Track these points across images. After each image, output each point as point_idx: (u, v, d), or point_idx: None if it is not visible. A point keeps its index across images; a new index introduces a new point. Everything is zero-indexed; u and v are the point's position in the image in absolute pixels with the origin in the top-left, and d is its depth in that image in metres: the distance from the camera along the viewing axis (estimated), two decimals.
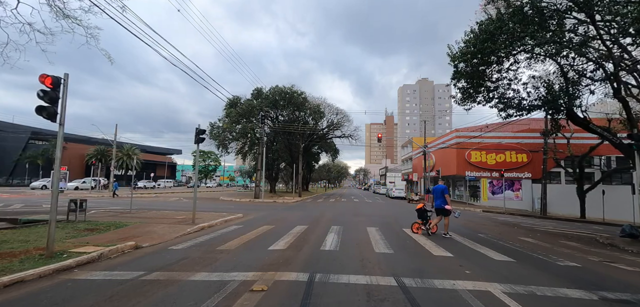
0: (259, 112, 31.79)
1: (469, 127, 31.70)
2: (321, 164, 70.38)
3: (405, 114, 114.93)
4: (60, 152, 5.92)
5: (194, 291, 4.07)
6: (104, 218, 10.92)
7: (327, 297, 3.94)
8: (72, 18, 7.67)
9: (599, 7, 9.67)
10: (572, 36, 10.44)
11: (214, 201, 25.06)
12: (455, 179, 34.78)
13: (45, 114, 5.56)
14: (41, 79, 5.49)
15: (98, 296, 3.88)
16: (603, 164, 27.50)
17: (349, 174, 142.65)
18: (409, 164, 57.11)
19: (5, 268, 4.65)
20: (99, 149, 49.38)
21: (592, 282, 5.11)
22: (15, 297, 3.81)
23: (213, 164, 71.61)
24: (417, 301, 3.87)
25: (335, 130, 41.44)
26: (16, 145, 46.02)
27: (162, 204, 19.99)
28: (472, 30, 11.18)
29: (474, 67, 11.54)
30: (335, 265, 5.56)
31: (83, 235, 7.57)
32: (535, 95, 12.26)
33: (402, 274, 5.07)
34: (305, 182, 51.51)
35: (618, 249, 9.09)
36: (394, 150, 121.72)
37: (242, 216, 13.66)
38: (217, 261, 5.69)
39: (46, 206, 15.36)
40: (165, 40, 11.08)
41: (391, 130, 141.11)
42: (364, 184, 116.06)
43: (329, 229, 10.11)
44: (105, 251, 5.89)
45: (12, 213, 12.37)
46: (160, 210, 15.07)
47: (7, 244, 6.29)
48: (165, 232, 8.51)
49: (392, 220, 13.69)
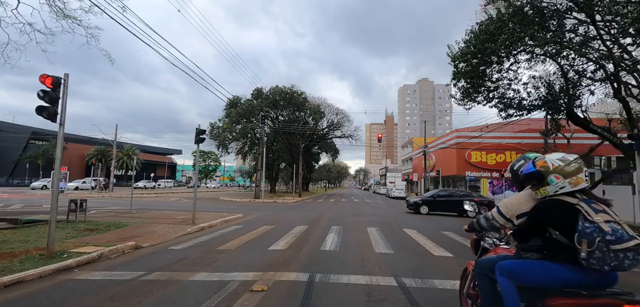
0: (259, 112, 31.80)
1: (469, 128, 31.71)
2: (321, 164, 70.39)
3: (406, 114, 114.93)
4: (60, 152, 5.92)
5: (194, 291, 4.07)
6: (104, 218, 10.92)
7: (327, 298, 3.94)
8: (72, 18, 7.68)
9: (599, 7, 9.66)
10: (572, 36, 10.44)
11: (214, 201, 25.07)
12: (455, 179, 34.76)
13: (45, 114, 5.56)
14: (41, 79, 5.49)
15: (98, 296, 3.88)
16: (603, 164, 27.51)
17: (349, 174, 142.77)
18: (409, 164, 57.11)
19: (6, 268, 4.65)
20: (99, 149, 49.44)
21: None
22: (16, 297, 3.82)
23: (213, 164, 71.64)
24: (417, 301, 3.87)
25: (335, 130, 41.50)
26: (16, 145, 46.08)
27: (162, 204, 20.00)
28: (473, 31, 11.18)
29: (474, 67, 11.54)
30: (335, 265, 5.56)
31: (83, 235, 7.57)
32: (536, 95, 12.26)
33: (402, 274, 5.07)
34: (305, 183, 51.52)
35: None
36: (394, 150, 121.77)
37: (242, 216, 13.66)
38: (217, 261, 5.69)
39: (46, 206, 15.36)
40: (165, 40, 11.11)
41: (391, 131, 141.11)
42: (364, 184, 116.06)
43: (329, 229, 10.11)
44: (106, 251, 5.89)
45: (12, 213, 12.37)
46: (160, 210, 15.07)
47: (7, 244, 6.30)
48: (165, 232, 8.51)
49: (392, 220, 13.69)
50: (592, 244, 1.79)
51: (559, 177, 2.03)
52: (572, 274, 1.95)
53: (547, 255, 2.11)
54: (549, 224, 2.05)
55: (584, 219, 1.85)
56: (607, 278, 1.92)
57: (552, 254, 2.07)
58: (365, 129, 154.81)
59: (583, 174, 2.01)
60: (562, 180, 2.02)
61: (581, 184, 2.00)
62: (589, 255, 1.80)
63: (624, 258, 1.76)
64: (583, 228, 1.83)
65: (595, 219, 1.82)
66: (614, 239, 1.76)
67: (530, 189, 2.21)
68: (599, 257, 1.78)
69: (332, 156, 50.04)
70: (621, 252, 1.75)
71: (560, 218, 1.99)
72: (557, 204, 2.03)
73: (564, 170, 2.03)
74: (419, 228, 10.94)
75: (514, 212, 2.29)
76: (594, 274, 1.89)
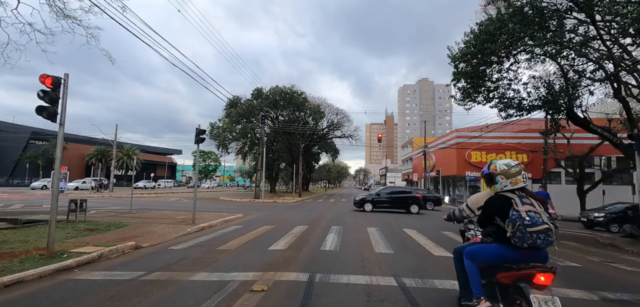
0: (259, 112, 31.79)
1: (469, 128, 31.70)
2: (321, 164, 70.32)
3: (406, 114, 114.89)
4: (60, 152, 5.92)
5: (194, 291, 4.07)
6: (104, 218, 10.92)
7: (327, 298, 3.94)
8: (72, 18, 7.68)
9: (599, 7, 9.66)
10: (572, 36, 10.44)
11: (214, 201, 25.06)
12: (455, 179, 34.77)
13: (45, 114, 5.56)
14: (41, 79, 5.49)
15: (98, 296, 3.88)
16: (603, 164, 27.48)
17: (349, 174, 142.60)
18: (409, 164, 57.11)
19: (6, 268, 4.65)
20: (99, 149, 49.41)
21: (593, 282, 5.11)
22: (16, 297, 3.82)
23: (213, 164, 71.58)
24: (417, 301, 3.87)
25: (335, 130, 41.47)
26: (16, 145, 46.07)
27: (162, 204, 20.00)
28: (472, 31, 11.18)
29: (474, 67, 11.54)
30: (335, 265, 5.56)
31: (83, 235, 7.57)
32: (536, 95, 12.25)
33: (402, 274, 5.07)
34: (305, 183, 51.49)
35: (618, 249, 9.08)
36: (394, 150, 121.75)
37: (242, 216, 13.66)
38: (217, 261, 5.69)
39: (46, 206, 15.35)
40: (165, 40, 11.11)
41: (391, 131, 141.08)
42: (364, 184, 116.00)
43: (329, 229, 10.11)
44: (106, 251, 5.89)
45: (12, 213, 12.37)
46: (160, 210, 15.07)
47: (7, 244, 6.30)
48: (166, 232, 8.51)
49: (392, 220, 13.69)
50: (514, 226, 2.41)
51: (503, 178, 2.66)
52: (509, 253, 2.55)
53: (495, 239, 2.70)
54: (495, 213, 2.67)
55: (513, 209, 2.47)
56: (538, 257, 2.50)
57: (497, 238, 2.67)
58: (365, 129, 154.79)
59: (521, 176, 2.63)
60: (505, 180, 2.65)
61: (519, 183, 2.62)
62: (513, 235, 2.43)
63: (536, 238, 2.37)
64: (511, 215, 2.46)
65: (520, 208, 2.44)
66: (530, 224, 2.37)
67: (489, 189, 2.85)
68: (519, 236, 2.40)
69: (332, 156, 50.00)
70: (535, 233, 2.36)
71: (501, 209, 2.60)
72: (500, 198, 2.67)
73: (507, 173, 2.65)
74: (419, 228, 10.94)
75: (476, 206, 2.94)
76: (525, 252, 2.48)
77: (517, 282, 2.48)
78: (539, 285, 2.34)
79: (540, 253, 2.49)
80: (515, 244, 2.44)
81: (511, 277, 2.52)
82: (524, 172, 2.68)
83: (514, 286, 2.51)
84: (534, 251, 2.46)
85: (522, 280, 2.46)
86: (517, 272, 2.48)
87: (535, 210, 2.44)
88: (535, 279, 2.35)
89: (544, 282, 2.33)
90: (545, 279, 2.33)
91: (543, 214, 2.43)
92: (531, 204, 2.49)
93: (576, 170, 21.25)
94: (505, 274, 2.56)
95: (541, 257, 2.50)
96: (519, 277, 2.47)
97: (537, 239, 2.36)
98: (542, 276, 2.34)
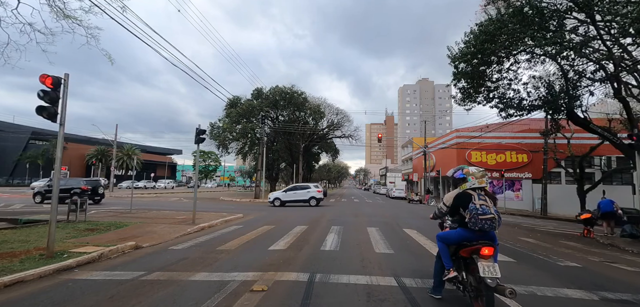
0: (259, 112, 31.80)
1: (469, 128, 31.68)
2: (321, 164, 70.31)
3: (406, 114, 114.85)
4: (60, 152, 5.92)
5: (195, 291, 4.07)
6: (104, 218, 10.92)
7: (327, 298, 3.94)
8: (72, 18, 7.67)
9: (599, 7, 9.66)
10: (572, 37, 10.44)
11: (214, 201, 25.07)
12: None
13: (45, 114, 5.56)
14: (41, 79, 5.49)
15: (98, 296, 3.88)
16: (603, 164, 27.46)
17: (349, 174, 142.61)
18: (409, 164, 57.07)
19: (6, 268, 4.65)
20: (99, 149, 49.42)
21: (593, 282, 5.10)
22: (16, 297, 3.82)
23: (213, 164, 71.52)
24: (417, 301, 3.87)
25: (335, 130, 41.47)
26: (17, 145, 46.10)
27: (163, 204, 20.00)
28: (472, 31, 11.18)
29: (474, 68, 11.54)
30: (335, 265, 5.56)
31: (83, 235, 7.57)
32: (536, 95, 12.27)
33: (402, 274, 5.07)
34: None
35: (619, 249, 9.08)
36: (394, 150, 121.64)
37: (242, 216, 13.66)
38: (218, 261, 5.69)
39: (46, 206, 15.35)
40: (165, 40, 11.10)
41: (391, 131, 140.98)
42: (364, 184, 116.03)
43: (329, 229, 10.11)
44: (106, 251, 5.89)
45: (12, 213, 12.37)
46: (160, 210, 15.07)
47: (7, 244, 6.30)
48: (166, 232, 8.51)
49: (392, 220, 13.68)
50: (471, 214, 3.34)
51: (473, 177, 3.55)
52: (467, 234, 3.48)
53: (459, 225, 3.63)
54: (459, 205, 3.55)
55: (472, 202, 3.39)
56: (487, 237, 3.38)
57: (460, 224, 3.60)
58: (365, 129, 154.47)
59: (485, 178, 3.57)
60: (474, 179, 3.54)
61: (483, 183, 3.52)
62: (469, 220, 3.37)
63: (484, 224, 3.29)
64: (469, 206, 3.39)
65: (476, 202, 3.38)
66: (481, 213, 3.30)
67: (459, 188, 3.67)
68: (473, 221, 3.33)
69: (332, 156, 50.02)
70: (483, 220, 3.29)
71: (464, 202, 3.49)
72: (464, 194, 3.54)
73: (475, 175, 3.56)
74: (419, 228, 10.94)
75: (448, 202, 3.71)
76: (478, 233, 3.39)
77: (472, 254, 3.41)
78: (484, 255, 3.24)
79: (488, 234, 3.37)
80: (471, 228, 3.36)
81: (468, 251, 3.45)
82: (487, 177, 3.68)
83: (470, 258, 3.45)
84: (483, 232, 3.35)
85: (474, 253, 3.38)
86: (471, 247, 3.40)
87: (487, 204, 3.36)
88: (482, 251, 3.26)
89: (487, 254, 3.23)
90: (488, 252, 3.23)
91: (492, 207, 3.38)
92: (485, 200, 3.40)
93: (576, 170, 21.24)
94: (465, 250, 3.49)
95: (489, 237, 3.38)
96: (472, 251, 3.40)
97: (484, 224, 3.28)
98: (486, 250, 3.24)
